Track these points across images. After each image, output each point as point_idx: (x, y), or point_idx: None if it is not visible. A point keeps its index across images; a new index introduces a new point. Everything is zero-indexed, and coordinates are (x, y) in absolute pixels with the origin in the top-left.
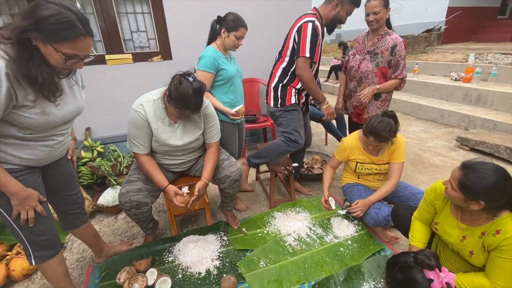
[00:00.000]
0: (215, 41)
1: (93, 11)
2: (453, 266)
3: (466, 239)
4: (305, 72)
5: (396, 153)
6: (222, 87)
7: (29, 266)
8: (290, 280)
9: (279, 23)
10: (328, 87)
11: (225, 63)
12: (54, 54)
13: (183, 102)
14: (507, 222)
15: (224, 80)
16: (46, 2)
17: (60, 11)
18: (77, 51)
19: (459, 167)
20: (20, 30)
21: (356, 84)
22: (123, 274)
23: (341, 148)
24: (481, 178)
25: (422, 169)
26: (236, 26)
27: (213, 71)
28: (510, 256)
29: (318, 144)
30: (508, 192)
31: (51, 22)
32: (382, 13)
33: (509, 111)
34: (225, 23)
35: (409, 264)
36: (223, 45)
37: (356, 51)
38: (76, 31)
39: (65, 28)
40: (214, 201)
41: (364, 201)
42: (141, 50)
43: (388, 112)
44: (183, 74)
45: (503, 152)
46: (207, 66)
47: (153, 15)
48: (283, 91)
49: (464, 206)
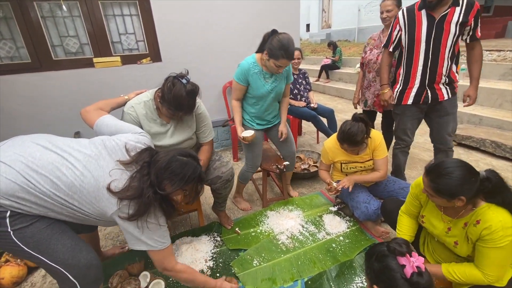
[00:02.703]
0: (262, 53)
1: (80, 13)
2: (440, 257)
3: (451, 231)
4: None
5: (377, 151)
6: (249, 99)
7: (18, 274)
8: (283, 278)
9: (268, 23)
10: (319, 86)
11: (258, 79)
12: (180, 192)
13: (176, 104)
14: (485, 212)
15: (251, 95)
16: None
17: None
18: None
19: (424, 174)
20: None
21: (375, 74)
22: (115, 278)
23: (323, 152)
24: (449, 178)
25: (411, 164)
26: (277, 56)
27: (243, 84)
28: (493, 245)
29: (309, 142)
30: (475, 180)
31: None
32: (394, 11)
33: (493, 106)
34: (269, 45)
35: (384, 253)
36: (265, 62)
37: (372, 47)
38: (199, 173)
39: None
40: (207, 202)
41: (348, 178)
42: (130, 52)
43: (357, 116)
44: (177, 76)
45: (488, 146)
46: (238, 78)
47: (141, 17)
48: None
49: (451, 205)
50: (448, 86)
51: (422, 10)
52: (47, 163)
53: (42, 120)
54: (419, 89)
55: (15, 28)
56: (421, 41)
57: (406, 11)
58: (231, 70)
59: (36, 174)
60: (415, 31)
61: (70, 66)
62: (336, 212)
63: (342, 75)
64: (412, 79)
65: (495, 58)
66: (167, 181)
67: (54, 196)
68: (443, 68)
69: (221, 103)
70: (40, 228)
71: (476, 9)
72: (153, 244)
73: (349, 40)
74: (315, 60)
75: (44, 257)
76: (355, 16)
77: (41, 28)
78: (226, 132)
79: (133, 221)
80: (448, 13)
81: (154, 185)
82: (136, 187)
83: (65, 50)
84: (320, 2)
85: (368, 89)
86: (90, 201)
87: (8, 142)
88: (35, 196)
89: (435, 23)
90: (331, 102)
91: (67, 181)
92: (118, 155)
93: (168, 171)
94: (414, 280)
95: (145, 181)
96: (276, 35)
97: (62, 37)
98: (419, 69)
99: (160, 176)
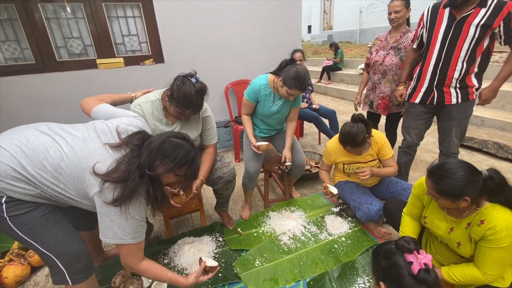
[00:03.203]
0: (276, 76)
1: (84, 15)
2: (442, 258)
3: (454, 231)
4: None
5: (383, 151)
6: (259, 115)
7: (22, 273)
8: (285, 278)
9: (270, 25)
10: (320, 87)
11: (267, 100)
12: (171, 176)
13: (185, 102)
14: (489, 212)
15: (258, 113)
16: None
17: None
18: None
19: (427, 176)
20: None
21: (380, 76)
22: (118, 277)
23: (325, 153)
24: (452, 179)
25: (413, 165)
26: (291, 85)
27: (253, 102)
28: (496, 245)
29: (311, 143)
30: (478, 180)
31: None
32: (403, 12)
33: (496, 107)
34: (285, 73)
35: (391, 250)
36: (277, 85)
37: (379, 48)
38: (193, 157)
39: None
40: (209, 203)
41: (370, 168)
42: (133, 53)
43: (355, 117)
44: (186, 75)
45: (490, 147)
46: (249, 96)
47: (144, 19)
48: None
49: (456, 207)
50: (460, 90)
51: (446, 8)
52: (38, 145)
53: (45, 120)
54: (428, 89)
55: (20, 30)
56: (437, 40)
57: (432, 8)
58: (233, 72)
59: (27, 157)
60: (434, 29)
61: (73, 67)
62: (338, 213)
63: (344, 76)
64: (423, 78)
65: (497, 59)
66: (159, 162)
67: (41, 178)
68: (454, 71)
69: (223, 104)
70: (36, 217)
71: (506, 11)
72: (123, 236)
73: (351, 42)
74: (316, 62)
75: (37, 243)
76: (356, 18)
77: (45, 29)
78: (228, 133)
79: (116, 206)
80: (471, 14)
81: (144, 167)
82: (123, 170)
83: (69, 52)
84: (322, 4)
85: (373, 91)
86: (74, 182)
87: (13, 129)
88: (26, 178)
89: (454, 23)
90: (332, 103)
91: (53, 163)
92: (108, 138)
93: (160, 151)
94: (421, 276)
95: (133, 164)
96: (294, 66)
97: (66, 38)
98: (430, 69)
99: (152, 157)
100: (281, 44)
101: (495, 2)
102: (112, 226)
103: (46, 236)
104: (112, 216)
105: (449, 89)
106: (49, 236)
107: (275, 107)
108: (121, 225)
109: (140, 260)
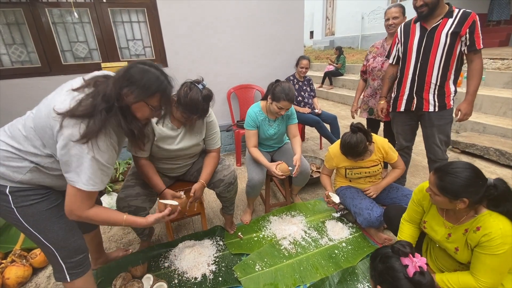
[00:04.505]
0: (266, 101)
1: (89, 20)
2: (442, 265)
3: (452, 237)
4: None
5: (389, 155)
6: (260, 139)
7: (24, 274)
8: (285, 283)
9: (272, 30)
10: (322, 92)
11: (264, 125)
12: (144, 108)
13: (191, 107)
14: (486, 218)
15: (260, 137)
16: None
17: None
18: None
19: (432, 173)
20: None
21: (380, 82)
22: (118, 280)
23: (328, 158)
24: (455, 177)
25: (414, 171)
26: (278, 98)
27: (254, 129)
28: (490, 252)
29: (313, 148)
30: (481, 184)
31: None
32: (400, 18)
33: (497, 114)
34: (272, 90)
35: (388, 254)
36: (269, 108)
37: (376, 55)
38: (165, 85)
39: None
40: (210, 207)
41: (375, 187)
42: (137, 58)
43: (353, 127)
44: (193, 81)
45: (492, 154)
46: (249, 124)
47: (149, 24)
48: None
49: (452, 207)
50: (438, 98)
51: (417, 23)
52: (17, 122)
53: None
54: (409, 96)
55: (27, 33)
56: (412, 51)
57: (404, 25)
58: (235, 76)
59: (10, 135)
60: (409, 42)
61: (78, 71)
62: (339, 218)
63: (346, 81)
64: (403, 87)
65: (499, 66)
66: (126, 89)
67: (26, 148)
68: (431, 76)
69: (226, 108)
70: (41, 210)
71: (471, 20)
72: (81, 179)
73: (353, 47)
74: (318, 67)
75: (40, 235)
76: (358, 24)
77: (51, 33)
78: (230, 137)
79: (83, 143)
80: (440, 23)
81: (111, 98)
82: (89, 104)
83: (74, 55)
84: (324, 10)
85: (373, 97)
86: (49, 135)
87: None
88: (15, 155)
89: (426, 33)
90: (334, 108)
91: (25, 125)
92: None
93: (126, 78)
94: (416, 279)
95: (98, 96)
96: (279, 84)
97: (71, 42)
98: (409, 77)
99: (118, 86)
100: (284, 49)
101: (460, 12)
102: (70, 166)
103: (49, 229)
104: (76, 155)
105: (428, 95)
106: (52, 228)
107: (272, 130)
108: (82, 167)
109: (89, 208)
